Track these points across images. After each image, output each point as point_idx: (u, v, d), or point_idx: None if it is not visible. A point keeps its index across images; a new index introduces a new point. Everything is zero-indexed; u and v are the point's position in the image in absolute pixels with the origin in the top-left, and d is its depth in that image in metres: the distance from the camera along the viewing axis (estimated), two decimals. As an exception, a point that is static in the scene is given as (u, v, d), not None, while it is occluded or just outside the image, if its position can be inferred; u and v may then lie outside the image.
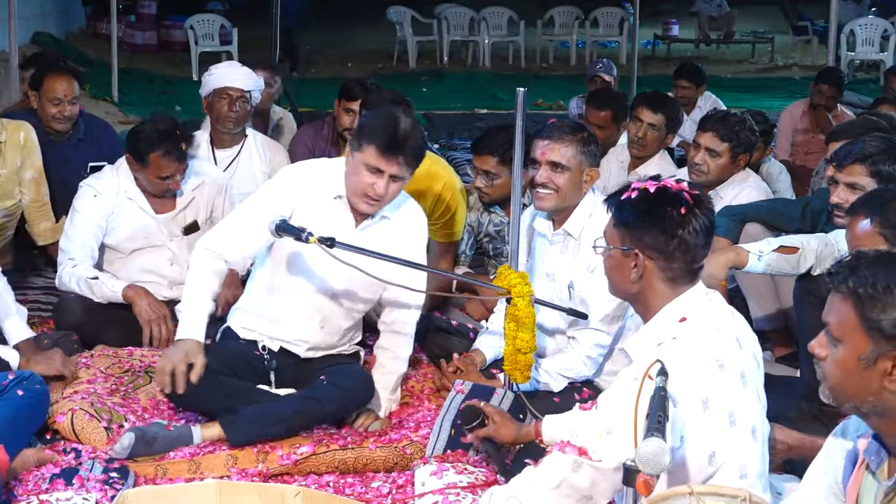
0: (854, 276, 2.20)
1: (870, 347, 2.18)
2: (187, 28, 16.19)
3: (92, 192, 4.87)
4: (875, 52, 16.25)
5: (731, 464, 2.71)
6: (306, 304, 4.08)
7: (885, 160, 4.03)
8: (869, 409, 2.21)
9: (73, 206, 4.90)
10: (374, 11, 19.20)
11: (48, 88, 5.79)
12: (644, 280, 2.81)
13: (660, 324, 2.79)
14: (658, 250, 2.78)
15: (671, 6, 22.20)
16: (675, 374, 2.59)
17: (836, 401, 2.26)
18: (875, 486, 2.26)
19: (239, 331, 4.18)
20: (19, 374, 3.78)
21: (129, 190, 4.88)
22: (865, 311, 2.17)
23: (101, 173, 5.00)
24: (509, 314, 3.79)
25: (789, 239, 4.11)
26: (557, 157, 3.96)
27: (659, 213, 2.78)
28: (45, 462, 3.63)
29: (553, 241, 4.08)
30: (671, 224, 2.77)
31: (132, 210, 4.89)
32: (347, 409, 4.03)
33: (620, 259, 2.84)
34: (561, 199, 3.98)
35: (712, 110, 6.28)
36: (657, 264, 2.79)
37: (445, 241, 5.26)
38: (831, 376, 2.25)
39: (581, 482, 2.71)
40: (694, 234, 2.77)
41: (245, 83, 5.74)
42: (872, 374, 2.18)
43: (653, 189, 2.81)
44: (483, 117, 12.58)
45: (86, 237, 4.83)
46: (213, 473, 3.65)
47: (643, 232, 2.79)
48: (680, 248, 2.77)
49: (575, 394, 3.95)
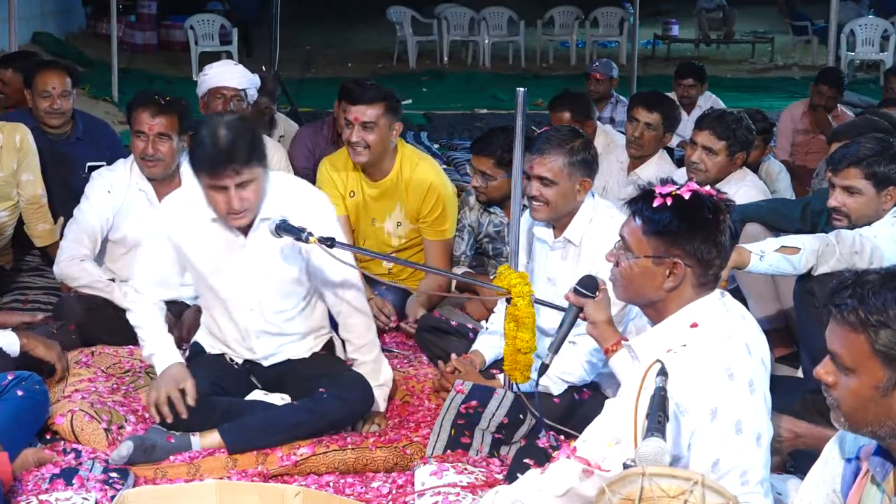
0: (863, 305, 2.15)
1: (887, 375, 2.15)
2: (187, 28, 16.19)
3: (105, 186, 4.89)
4: (875, 52, 16.25)
5: (733, 470, 2.71)
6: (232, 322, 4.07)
7: (879, 162, 4.05)
8: (887, 433, 2.19)
9: (86, 194, 4.93)
10: (374, 11, 19.19)
11: (39, 83, 5.81)
12: (677, 288, 2.79)
13: (671, 327, 2.79)
14: (699, 258, 2.77)
15: (671, 6, 22.20)
16: (685, 384, 2.59)
17: (851, 428, 2.23)
18: (879, 497, 2.25)
19: (206, 347, 4.21)
20: (18, 375, 3.77)
21: (139, 182, 4.90)
22: (879, 340, 2.14)
23: (114, 166, 5.02)
24: (509, 314, 3.79)
25: (790, 239, 4.11)
26: (545, 172, 3.93)
27: (701, 219, 2.77)
28: (45, 462, 3.63)
29: (554, 248, 4.07)
30: (713, 231, 2.77)
31: (141, 202, 4.89)
32: (349, 420, 4.01)
33: (650, 267, 2.81)
34: (553, 210, 3.98)
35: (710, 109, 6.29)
36: (694, 271, 2.78)
37: (438, 239, 5.27)
38: (845, 405, 2.22)
39: (588, 491, 2.67)
40: (729, 239, 2.79)
41: (239, 82, 5.75)
42: (891, 400, 2.15)
43: (687, 195, 2.79)
44: (483, 117, 12.57)
45: (94, 224, 4.86)
46: (213, 475, 3.65)
47: (686, 240, 2.77)
48: (719, 254, 2.78)
49: (575, 394, 3.94)
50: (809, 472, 2.51)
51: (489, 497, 2.90)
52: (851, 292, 2.19)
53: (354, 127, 5.02)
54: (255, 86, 5.96)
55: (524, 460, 3.40)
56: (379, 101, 5.03)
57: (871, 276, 2.21)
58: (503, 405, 3.82)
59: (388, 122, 5.04)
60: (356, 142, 5.04)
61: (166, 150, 4.79)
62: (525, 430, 3.83)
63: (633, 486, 2.26)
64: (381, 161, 5.17)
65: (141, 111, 4.79)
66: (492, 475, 3.51)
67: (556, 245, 4.05)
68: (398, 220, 5.28)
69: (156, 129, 4.76)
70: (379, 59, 18.10)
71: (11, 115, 6.00)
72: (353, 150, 5.09)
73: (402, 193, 5.23)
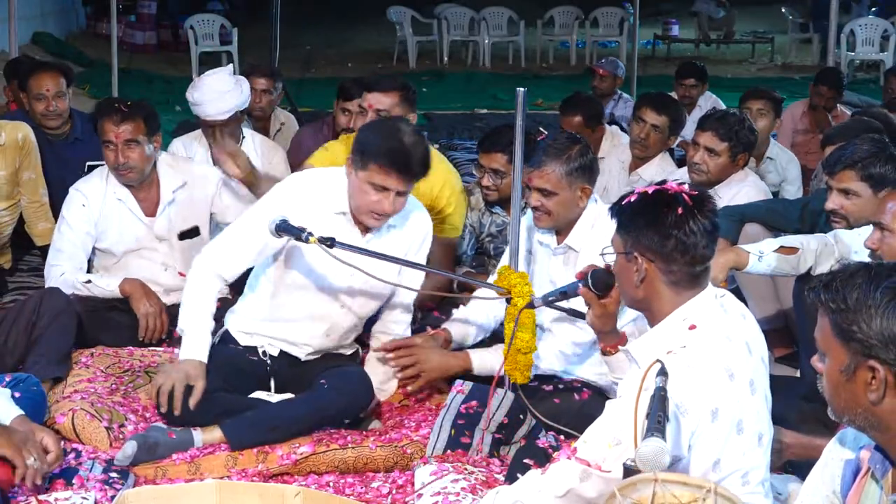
0: (827, 291, 2.22)
1: (847, 359, 2.19)
2: (187, 28, 16.19)
3: (80, 201, 4.81)
4: (875, 52, 16.24)
5: (735, 471, 2.71)
6: (316, 309, 4.08)
7: (874, 163, 4.06)
8: (864, 423, 2.22)
9: (62, 214, 4.85)
10: (374, 11, 19.20)
11: (32, 87, 5.81)
12: (647, 284, 2.80)
13: (667, 330, 2.79)
14: (655, 252, 2.78)
15: (671, 6, 22.21)
16: (686, 385, 2.59)
17: (835, 416, 2.28)
18: (878, 495, 2.25)
19: (237, 335, 4.18)
20: (15, 377, 3.77)
21: (118, 191, 4.82)
22: (839, 324, 2.19)
23: (89, 176, 4.93)
24: (509, 314, 3.79)
25: (789, 239, 4.12)
26: (543, 184, 3.92)
27: (654, 213, 2.79)
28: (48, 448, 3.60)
29: (556, 253, 4.06)
30: (666, 224, 2.76)
31: (121, 212, 4.83)
32: (349, 411, 4.02)
33: (624, 264, 2.85)
34: (555, 219, 3.97)
35: (711, 109, 6.29)
36: (657, 266, 2.79)
37: (445, 237, 5.26)
38: (826, 391, 2.27)
39: (588, 492, 2.68)
40: (691, 235, 2.76)
41: (222, 114, 5.45)
42: (856, 385, 2.19)
43: (651, 192, 2.83)
44: (483, 117, 12.57)
45: (74, 247, 4.79)
46: (213, 474, 3.65)
47: (640, 233, 2.80)
48: (677, 248, 2.76)
49: (574, 394, 3.95)
50: (809, 475, 2.51)
51: (490, 497, 2.90)
52: (826, 279, 2.25)
53: (368, 114, 4.94)
54: (244, 96, 5.62)
55: (524, 460, 3.40)
56: (395, 90, 4.98)
57: (851, 267, 2.26)
58: (503, 405, 3.82)
59: (402, 112, 4.95)
60: None
61: (137, 157, 4.70)
62: (525, 430, 3.83)
63: (644, 492, 2.27)
64: None
65: (105, 121, 4.67)
66: (492, 475, 3.51)
67: (558, 251, 4.05)
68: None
69: (123, 137, 4.65)
70: (379, 59, 18.11)
71: (11, 116, 6.00)
72: None
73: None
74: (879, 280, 2.18)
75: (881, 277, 2.18)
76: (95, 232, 4.83)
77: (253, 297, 4.18)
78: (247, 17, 18.22)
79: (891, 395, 2.16)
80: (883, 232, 3.57)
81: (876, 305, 2.15)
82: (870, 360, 2.16)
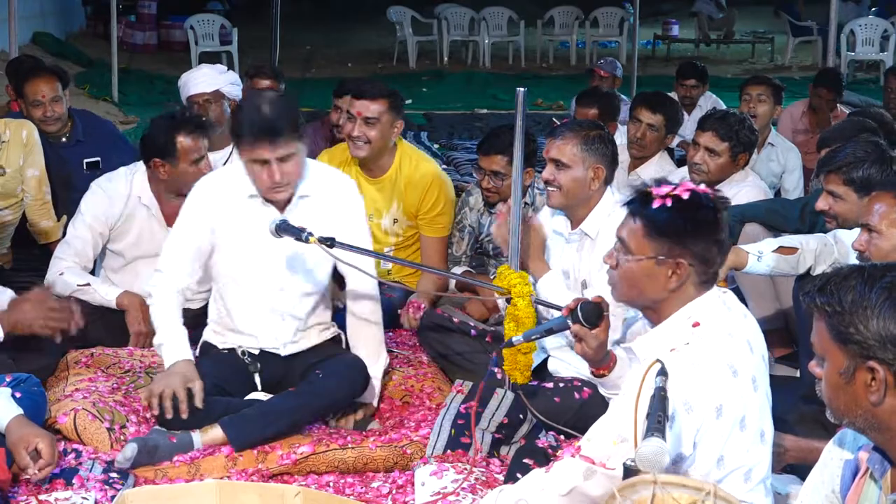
0: (822, 294, 2.22)
1: (846, 361, 2.19)
2: (187, 28, 16.18)
3: (104, 197, 4.79)
4: (875, 52, 16.24)
5: (738, 468, 2.71)
6: (258, 296, 4.10)
7: (858, 167, 4.07)
8: (864, 424, 2.22)
9: (80, 209, 4.82)
10: (374, 11, 19.21)
11: (28, 93, 5.80)
12: (680, 287, 2.80)
13: (672, 327, 2.79)
14: (701, 257, 2.78)
15: (671, 6, 22.23)
16: (690, 381, 2.60)
17: (835, 418, 2.28)
18: (877, 494, 2.26)
19: (215, 341, 4.21)
20: (16, 377, 3.77)
21: (143, 196, 4.80)
22: (836, 327, 2.19)
23: (114, 174, 4.89)
24: (509, 314, 3.79)
25: (788, 239, 4.13)
26: (558, 154, 3.96)
27: (703, 219, 2.79)
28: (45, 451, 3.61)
29: (570, 240, 4.06)
30: (714, 229, 2.79)
31: (144, 217, 4.82)
32: (347, 396, 4.05)
33: (652, 268, 2.81)
34: (565, 196, 3.98)
35: (712, 109, 6.29)
36: (696, 270, 2.79)
37: (435, 236, 5.28)
38: (825, 395, 2.27)
39: (593, 490, 2.68)
40: (727, 236, 2.81)
41: (206, 86, 5.65)
42: (855, 387, 2.19)
43: (686, 195, 2.80)
44: (483, 117, 12.57)
45: (85, 244, 4.78)
46: (213, 475, 3.65)
47: (690, 240, 2.78)
48: (720, 252, 2.80)
49: (575, 393, 3.94)
50: (809, 475, 2.51)
51: (493, 496, 2.90)
52: (820, 282, 2.25)
53: (357, 121, 5.04)
54: (231, 82, 5.79)
55: (524, 460, 3.40)
56: (383, 98, 5.06)
57: (845, 269, 2.27)
58: (503, 405, 3.82)
59: (390, 118, 5.08)
60: (357, 136, 5.06)
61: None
62: (525, 430, 3.83)
63: (644, 494, 2.27)
64: (380, 157, 5.19)
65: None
66: (492, 475, 3.51)
67: (572, 237, 4.04)
68: (395, 217, 5.29)
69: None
70: (379, 59, 18.11)
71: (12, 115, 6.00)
72: (353, 145, 5.11)
73: (400, 190, 5.24)
74: (874, 281, 2.18)
75: (875, 278, 2.19)
76: (109, 233, 4.83)
77: (211, 301, 4.26)
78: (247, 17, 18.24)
79: (891, 395, 2.16)
80: (871, 233, 3.57)
81: (872, 306, 2.15)
82: (869, 361, 2.16)
